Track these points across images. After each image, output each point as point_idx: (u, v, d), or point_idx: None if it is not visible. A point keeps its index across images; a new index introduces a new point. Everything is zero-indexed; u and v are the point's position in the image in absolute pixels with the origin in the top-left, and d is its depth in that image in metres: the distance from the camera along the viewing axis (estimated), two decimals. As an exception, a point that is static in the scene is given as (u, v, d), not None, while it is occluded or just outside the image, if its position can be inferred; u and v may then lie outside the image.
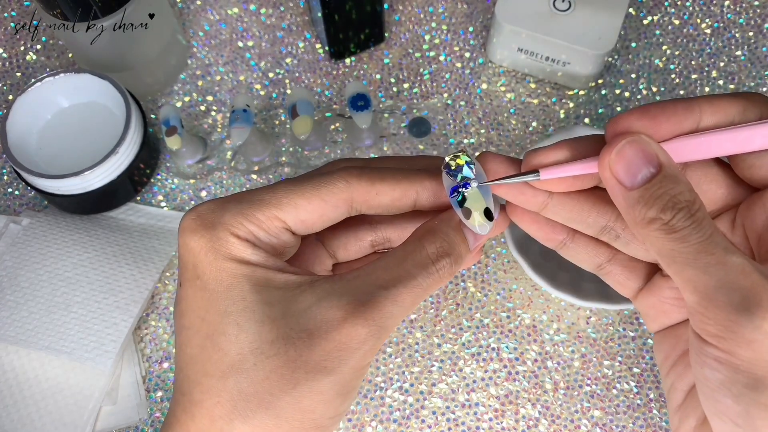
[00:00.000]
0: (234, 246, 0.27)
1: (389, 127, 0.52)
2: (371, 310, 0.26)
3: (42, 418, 0.43)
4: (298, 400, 0.26)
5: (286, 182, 0.28)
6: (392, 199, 0.28)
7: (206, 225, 0.27)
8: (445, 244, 0.28)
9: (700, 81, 0.54)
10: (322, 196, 0.28)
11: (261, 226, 0.27)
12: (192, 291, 0.27)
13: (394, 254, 0.27)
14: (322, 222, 0.28)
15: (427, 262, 0.27)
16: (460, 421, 0.44)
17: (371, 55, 0.55)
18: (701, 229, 0.25)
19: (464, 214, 0.28)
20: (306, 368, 0.25)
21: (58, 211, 0.50)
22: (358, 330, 0.26)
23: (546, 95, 0.53)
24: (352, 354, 0.26)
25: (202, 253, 0.27)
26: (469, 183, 0.27)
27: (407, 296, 0.26)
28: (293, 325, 0.26)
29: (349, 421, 0.44)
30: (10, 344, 0.44)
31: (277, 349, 0.26)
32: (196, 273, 0.27)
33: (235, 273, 0.27)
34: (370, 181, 0.28)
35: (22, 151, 0.46)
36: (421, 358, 0.46)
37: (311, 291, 0.26)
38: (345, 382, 0.26)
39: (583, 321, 0.47)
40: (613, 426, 0.44)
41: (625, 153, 0.26)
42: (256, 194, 0.28)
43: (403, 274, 0.27)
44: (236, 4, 0.57)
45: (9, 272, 0.46)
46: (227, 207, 0.27)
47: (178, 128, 0.48)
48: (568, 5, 0.50)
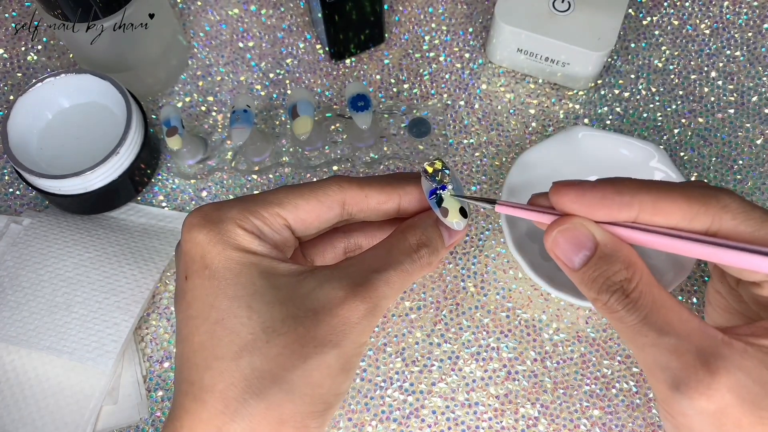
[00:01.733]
0: (241, 237, 0.29)
1: (389, 127, 0.52)
2: (368, 289, 0.28)
3: (43, 418, 0.44)
4: (309, 374, 0.27)
5: (285, 186, 0.31)
6: (379, 202, 0.32)
7: (212, 220, 0.29)
8: (424, 236, 0.31)
9: (699, 81, 0.54)
10: (318, 197, 0.30)
11: (265, 222, 0.29)
12: (200, 281, 0.28)
13: (382, 245, 0.31)
14: (318, 222, 0.31)
15: (410, 250, 0.30)
16: (460, 421, 0.44)
17: (371, 56, 0.55)
18: (636, 311, 0.27)
19: (442, 213, 0.31)
20: (314, 343, 0.27)
21: (59, 211, 0.50)
22: (358, 306, 0.28)
23: (545, 96, 0.54)
24: (353, 328, 0.28)
25: (210, 245, 0.28)
26: (446, 186, 0.31)
27: (397, 279, 0.29)
28: (300, 305, 0.28)
29: (350, 420, 0.44)
30: (11, 344, 0.44)
31: (288, 326, 0.27)
32: (204, 263, 0.28)
33: (243, 261, 0.28)
34: (360, 186, 0.31)
35: (23, 151, 0.47)
36: (421, 357, 0.46)
37: (313, 277, 0.29)
38: (348, 356, 0.28)
39: (582, 321, 0.47)
40: (612, 425, 0.44)
41: (559, 241, 0.29)
42: (259, 195, 0.30)
43: (392, 260, 0.30)
44: (237, 5, 0.57)
45: (10, 272, 0.46)
46: (232, 204, 0.30)
47: (178, 128, 0.48)
48: (568, 6, 0.51)
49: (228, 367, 0.27)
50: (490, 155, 0.52)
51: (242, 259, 0.28)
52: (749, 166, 0.51)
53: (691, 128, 0.52)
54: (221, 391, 0.27)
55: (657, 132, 0.52)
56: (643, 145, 0.47)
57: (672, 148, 0.52)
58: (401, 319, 0.47)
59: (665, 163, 0.46)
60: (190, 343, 0.28)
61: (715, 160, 0.51)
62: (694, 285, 0.48)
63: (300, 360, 0.27)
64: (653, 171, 0.46)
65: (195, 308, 0.28)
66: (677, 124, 0.53)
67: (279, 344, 0.27)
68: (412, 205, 0.32)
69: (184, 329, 0.29)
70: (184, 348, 0.29)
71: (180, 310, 0.29)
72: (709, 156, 0.51)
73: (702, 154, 0.51)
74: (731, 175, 0.51)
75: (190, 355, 0.28)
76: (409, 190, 0.32)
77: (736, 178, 0.51)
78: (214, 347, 0.28)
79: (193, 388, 0.28)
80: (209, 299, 0.28)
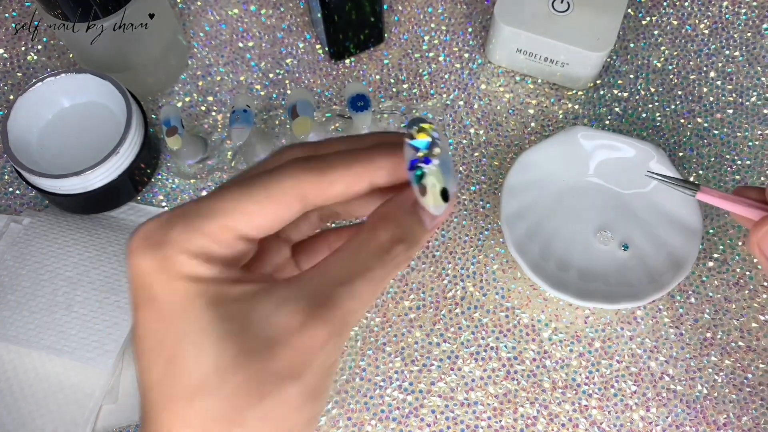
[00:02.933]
0: (185, 263, 0.26)
1: (389, 127, 0.52)
2: (330, 309, 0.25)
3: (43, 417, 0.44)
4: (267, 413, 0.25)
5: (233, 186, 0.27)
6: (346, 186, 0.27)
7: (155, 244, 0.26)
8: (398, 230, 0.27)
9: (698, 81, 0.54)
10: (272, 198, 0.26)
11: (213, 239, 0.26)
12: (148, 314, 0.26)
13: (349, 247, 0.27)
14: (278, 224, 0.27)
15: (382, 250, 0.26)
16: (459, 420, 0.44)
17: (371, 56, 0.55)
18: None
19: (420, 190, 0.26)
20: (272, 378, 0.25)
21: (59, 211, 0.50)
22: (319, 331, 0.25)
23: (545, 96, 0.54)
24: (315, 356, 0.25)
25: (153, 275, 0.26)
26: (430, 159, 0.26)
27: (366, 289, 0.26)
28: (253, 337, 0.25)
29: (349, 420, 0.44)
30: (11, 344, 0.44)
31: (240, 364, 0.25)
32: (150, 295, 0.26)
33: (188, 292, 0.26)
34: (320, 172, 0.27)
35: (23, 150, 0.47)
36: (420, 357, 0.46)
37: (268, 299, 0.26)
38: (313, 386, 0.26)
39: (581, 321, 0.47)
40: (611, 425, 0.44)
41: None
42: (204, 204, 0.26)
43: (359, 268, 0.26)
44: (236, 5, 0.57)
45: (10, 272, 0.46)
46: (174, 223, 0.26)
47: (178, 128, 0.48)
48: (567, 6, 0.51)
49: (182, 409, 0.25)
50: (489, 155, 0.52)
51: (189, 290, 0.26)
52: (748, 166, 0.51)
53: (690, 128, 0.52)
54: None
55: (656, 132, 0.52)
56: (642, 145, 0.47)
57: (671, 148, 0.52)
58: (401, 319, 0.47)
59: (664, 163, 0.46)
60: (148, 379, 0.26)
61: (713, 159, 0.51)
62: (693, 285, 0.48)
63: (256, 399, 0.25)
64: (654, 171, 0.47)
65: (148, 342, 0.26)
66: (676, 124, 0.53)
67: (233, 384, 0.25)
68: (386, 179, 0.28)
69: (141, 361, 0.27)
70: (143, 380, 0.27)
71: (135, 340, 0.27)
72: (707, 156, 0.51)
73: (701, 154, 0.52)
74: (730, 175, 0.51)
75: (148, 391, 0.26)
76: (381, 164, 0.27)
77: (735, 178, 0.51)
78: (169, 386, 0.26)
79: (153, 427, 0.26)
80: (159, 335, 0.26)
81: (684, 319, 0.47)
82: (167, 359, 0.26)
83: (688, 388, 0.45)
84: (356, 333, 0.47)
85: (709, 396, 0.45)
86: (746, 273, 0.48)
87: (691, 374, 0.45)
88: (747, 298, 0.47)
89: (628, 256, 0.47)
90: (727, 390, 0.45)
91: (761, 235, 0.28)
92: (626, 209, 0.48)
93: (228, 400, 0.25)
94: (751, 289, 0.47)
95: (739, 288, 0.47)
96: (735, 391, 0.45)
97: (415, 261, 0.48)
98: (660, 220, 0.47)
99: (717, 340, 0.46)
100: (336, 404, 0.45)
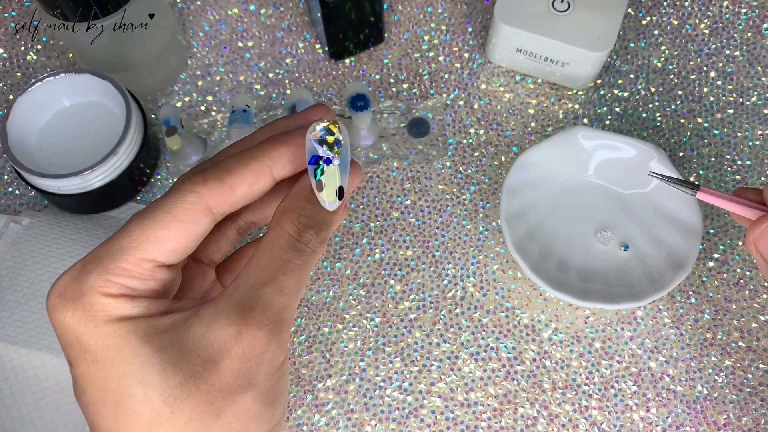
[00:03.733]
0: (110, 307, 0.26)
1: (389, 127, 0.52)
2: (260, 311, 0.26)
3: (42, 417, 0.44)
4: (228, 427, 0.25)
5: (137, 219, 0.27)
6: (249, 186, 0.27)
7: (73, 297, 0.26)
8: (303, 218, 0.27)
9: (699, 81, 0.54)
10: (177, 218, 0.26)
11: (131, 275, 0.26)
12: (85, 367, 0.26)
13: (262, 248, 0.27)
14: (192, 243, 0.27)
15: (293, 242, 0.27)
16: (459, 420, 0.44)
17: (371, 56, 0.55)
18: None
19: (317, 186, 0.27)
20: (223, 394, 0.25)
21: (58, 211, 0.50)
22: (256, 334, 0.25)
23: (545, 95, 0.54)
24: (261, 360, 0.26)
25: (80, 326, 0.26)
26: (331, 160, 0.27)
27: (289, 283, 0.26)
28: (194, 360, 0.25)
29: (349, 420, 0.44)
30: (10, 344, 0.44)
31: (188, 389, 0.25)
32: (82, 347, 0.26)
33: (119, 333, 0.26)
34: (219, 179, 0.27)
35: (23, 150, 0.47)
36: (420, 357, 0.46)
37: (199, 322, 0.26)
38: (266, 390, 0.26)
39: (581, 321, 0.47)
40: (611, 425, 0.44)
41: (767, 237, 0.29)
42: (113, 244, 0.27)
43: (277, 264, 0.26)
44: (236, 5, 0.57)
45: (9, 272, 0.46)
46: (89, 270, 0.26)
47: (178, 128, 0.48)
48: (567, 6, 0.51)
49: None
50: (489, 155, 0.52)
51: (119, 332, 0.25)
52: (748, 166, 0.51)
53: (691, 128, 0.52)
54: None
55: (656, 132, 0.52)
56: (642, 145, 0.47)
57: (671, 148, 0.52)
58: (400, 319, 0.47)
59: (664, 163, 0.46)
60: (101, 427, 0.26)
61: (714, 159, 0.51)
62: (693, 285, 0.48)
63: (214, 417, 0.25)
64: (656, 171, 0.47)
65: (90, 394, 0.26)
66: (676, 124, 0.53)
67: (185, 411, 0.25)
68: (288, 169, 0.28)
69: (88, 414, 0.27)
70: (95, 430, 0.27)
71: (77, 396, 0.27)
72: (708, 156, 0.51)
73: (701, 154, 0.52)
74: (730, 175, 0.51)
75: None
76: (276, 155, 0.27)
77: (735, 178, 0.51)
78: (122, 430, 0.26)
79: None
80: (100, 383, 0.26)
81: (684, 319, 0.47)
82: (114, 403, 0.25)
83: (689, 389, 0.45)
84: (356, 333, 0.47)
85: (709, 396, 0.45)
86: (746, 273, 0.48)
87: (692, 375, 0.45)
88: (747, 298, 0.47)
89: (628, 257, 0.47)
90: (728, 390, 0.45)
91: (757, 235, 0.29)
92: (626, 209, 0.48)
93: (185, 426, 0.25)
94: (752, 289, 0.47)
95: (740, 288, 0.47)
96: (735, 392, 0.45)
97: (415, 261, 0.48)
98: (660, 220, 0.47)
99: (717, 341, 0.46)
100: (336, 405, 0.45)
